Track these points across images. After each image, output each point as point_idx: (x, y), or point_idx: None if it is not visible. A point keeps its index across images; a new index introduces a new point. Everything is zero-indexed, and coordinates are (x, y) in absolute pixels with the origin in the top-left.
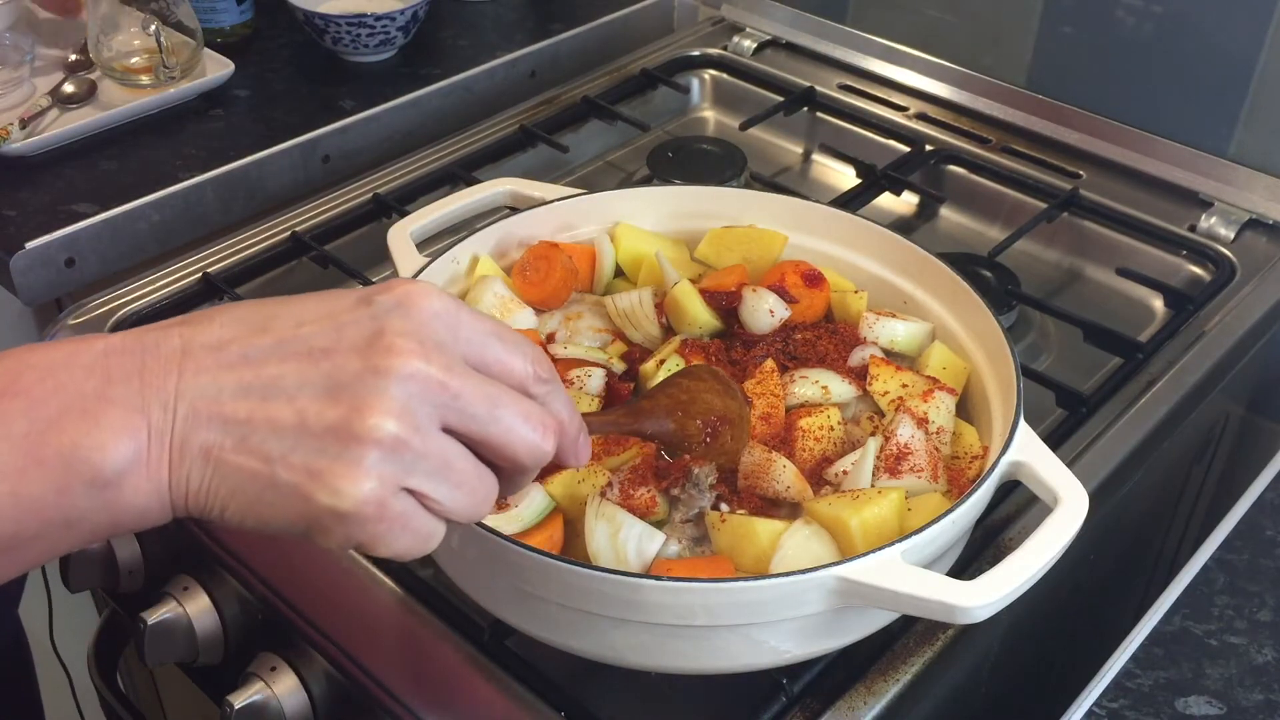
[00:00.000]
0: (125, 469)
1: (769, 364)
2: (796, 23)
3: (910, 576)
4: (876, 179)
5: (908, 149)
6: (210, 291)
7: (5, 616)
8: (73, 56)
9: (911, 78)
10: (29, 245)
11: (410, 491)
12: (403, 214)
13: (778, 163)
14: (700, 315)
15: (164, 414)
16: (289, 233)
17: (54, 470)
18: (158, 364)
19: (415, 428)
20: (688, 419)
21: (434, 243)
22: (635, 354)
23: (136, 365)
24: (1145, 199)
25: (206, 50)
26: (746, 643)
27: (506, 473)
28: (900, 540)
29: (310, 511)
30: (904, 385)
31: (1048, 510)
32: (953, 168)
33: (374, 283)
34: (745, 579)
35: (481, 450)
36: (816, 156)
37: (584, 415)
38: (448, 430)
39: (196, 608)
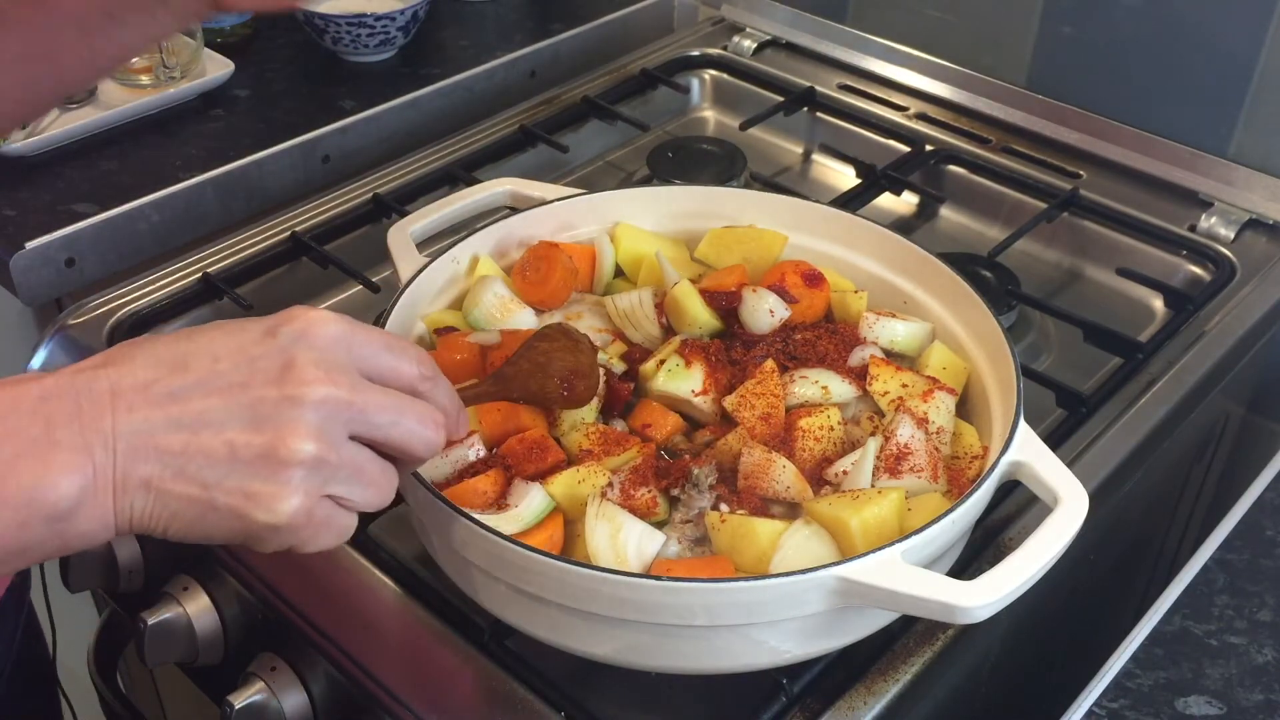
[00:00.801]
0: (76, 503)
1: (769, 364)
2: (796, 23)
3: (910, 576)
4: (876, 179)
5: (908, 149)
6: (210, 291)
7: (18, 605)
8: None
9: (911, 78)
10: (29, 245)
11: (329, 496)
12: (403, 214)
13: (778, 163)
14: (700, 315)
15: (105, 452)
16: (289, 233)
17: (16, 508)
18: (92, 406)
19: (330, 444)
20: (546, 379)
21: (434, 243)
22: (635, 354)
23: (74, 409)
24: (1145, 199)
25: (206, 50)
26: (746, 643)
27: (403, 463)
28: (900, 540)
29: (248, 528)
30: (904, 385)
31: (1048, 510)
32: (953, 168)
33: (371, 279)
34: (745, 579)
35: (382, 449)
36: (816, 156)
37: (460, 391)
38: (355, 438)
39: (196, 607)
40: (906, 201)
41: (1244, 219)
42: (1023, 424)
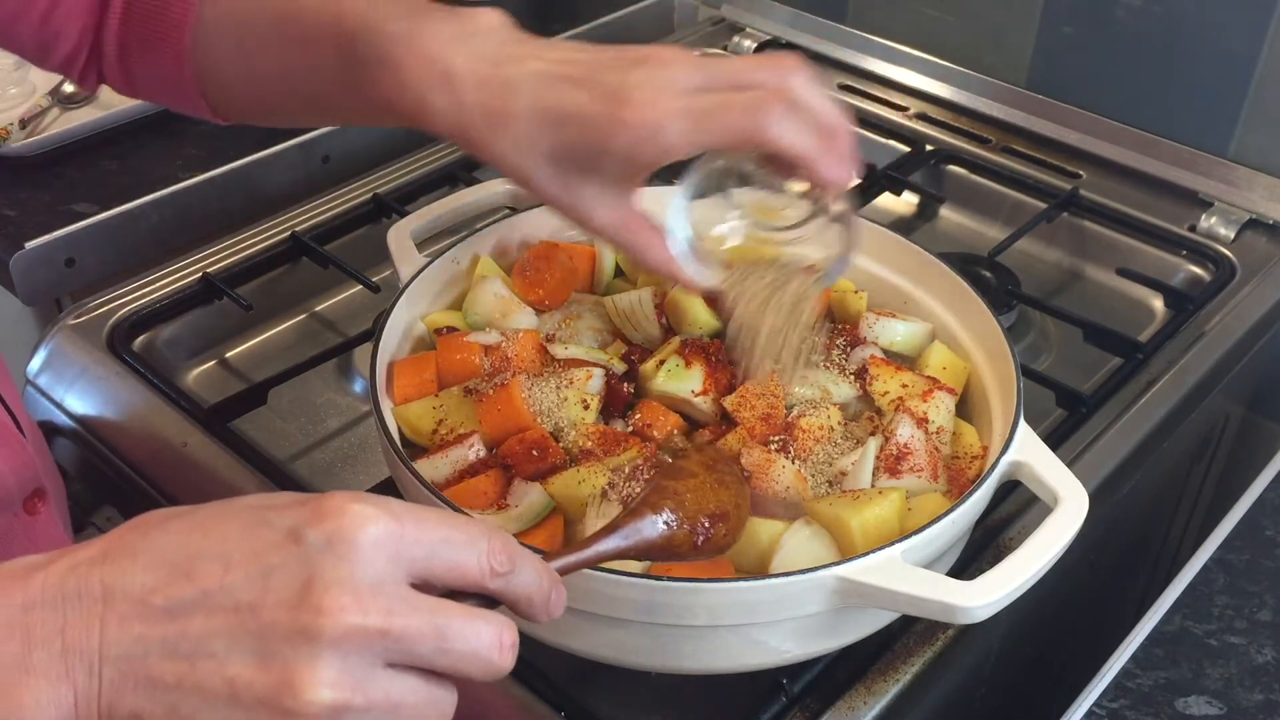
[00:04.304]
0: None
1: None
2: (796, 23)
3: (910, 576)
4: (876, 179)
5: (908, 149)
6: (210, 291)
7: None
8: None
9: (911, 78)
10: (29, 245)
11: None
12: (403, 214)
13: None
14: (700, 315)
15: (89, 678)
16: (289, 233)
17: None
18: (79, 619)
19: (354, 686)
20: (675, 530)
21: (434, 243)
22: (635, 354)
23: (58, 624)
24: (1145, 199)
25: None
26: (746, 643)
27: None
28: (900, 540)
29: None
30: (904, 385)
31: (1048, 510)
32: (953, 168)
33: (371, 279)
34: (745, 579)
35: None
36: None
37: (564, 560)
38: (393, 665)
39: None
40: (906, 201)
41: (1244, 219)
42: (1023, 424)
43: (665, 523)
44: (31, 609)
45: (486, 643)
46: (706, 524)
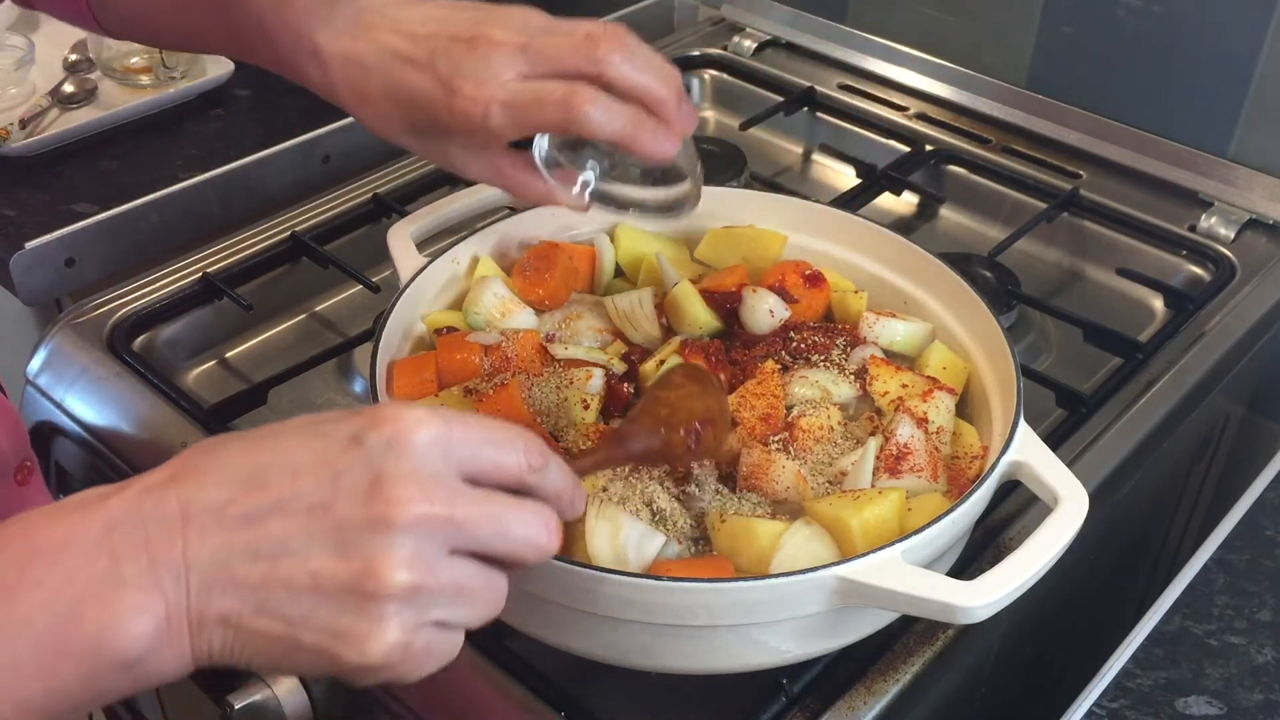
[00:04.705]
0: (148, 648)
1: (769, 364)
2: (796, 23)
3: (910, 576)
4: (876, 179)
5: (908, 149)
6: (210, 291)
7: None
8: (73, 56)
9: (911, 78)
10: (29, 245)
11: (430, 622)
12: (403, 214)
13: (778, 163)
14: (700, 315)
15: (177, 587)
16: (289, 233)
17: (82, 661)
18: (161, 534)
19: (427, 569)
20: (671, 432)
21: (434, 243)
22: (635, 354)
23: (141, 538)
24: (1145, 199)
25: None
26: (746, 643)
27: (512, 566)
28: (900, 540)
29: (338, 667)
30: (904, 385)
31: (1048, 510)
32: (953, 168)
33: (371, 279)
34: (745, 579)
35: (489, 558)
36: (816, 156)
37: (575, 462)
38: (455, 552)
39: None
40: (906, 201)
41: (1244, 219)
42: (1023, 424)
43: (663, 429)
44: (114, 529)
45: (538, 526)
46: (698, 428)
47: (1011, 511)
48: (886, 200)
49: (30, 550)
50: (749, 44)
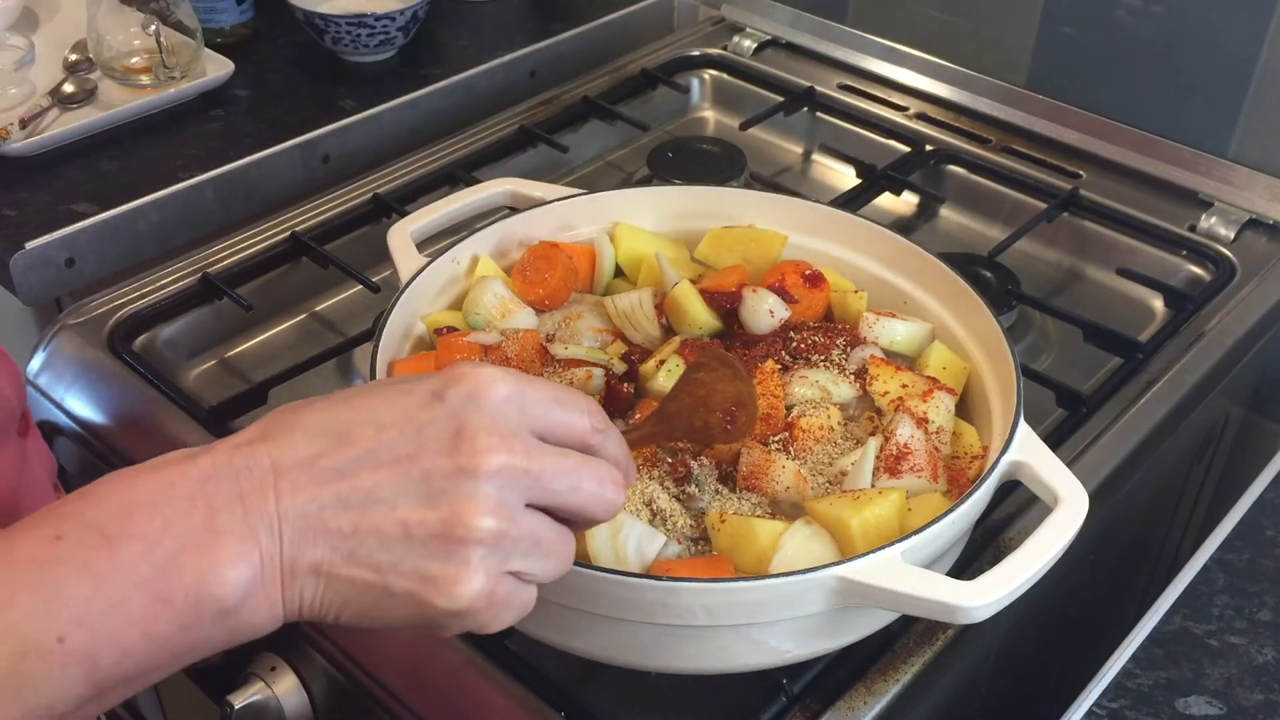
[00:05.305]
0: (245, 596)
1: (769, 364)
2: (796, 23)
3: (910, 576)
4: (876, 179)
5: (908, 149)
6: (210, 291)
7: None
8: (73, 56)
9: (911, 78)
10: (29, 245)
11: (509, 573)
12: (403, 214)
13: (778, 163)
14: (700, 315)
15: (271, 537)
16: (289, 233)
17: (182, 609)
18: (254, 488)
19: (509, 517)
20: (709, 413)
21: (434, 243)
22: (635, 354)
23: (235, 491)
24: (1145, 199)
25: (206, 50)
26: (746, 643)
27: (578, 524)
28: (900, 540)
29: (426, 614)
30: (904, 385)
31: (1048, 510)
32: (953, 168)
33: (371, 279)
34: (745, 579)
35: (560, 514)
36: (816, 156)
37: (625, 435)
38: (531, 506)
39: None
40: (906, 201)
41: (1244, 219)
42: (1023, 424)
43: (702, 409)
44: (208, 481)
45: (607, 482)
46: (734, 409)
47: (1011, 511)
48: (886, 200)
49: (128, 503)
50: (749, 44)
